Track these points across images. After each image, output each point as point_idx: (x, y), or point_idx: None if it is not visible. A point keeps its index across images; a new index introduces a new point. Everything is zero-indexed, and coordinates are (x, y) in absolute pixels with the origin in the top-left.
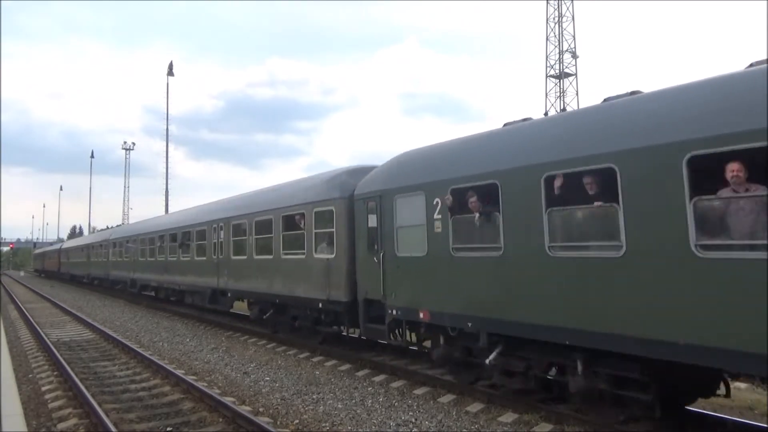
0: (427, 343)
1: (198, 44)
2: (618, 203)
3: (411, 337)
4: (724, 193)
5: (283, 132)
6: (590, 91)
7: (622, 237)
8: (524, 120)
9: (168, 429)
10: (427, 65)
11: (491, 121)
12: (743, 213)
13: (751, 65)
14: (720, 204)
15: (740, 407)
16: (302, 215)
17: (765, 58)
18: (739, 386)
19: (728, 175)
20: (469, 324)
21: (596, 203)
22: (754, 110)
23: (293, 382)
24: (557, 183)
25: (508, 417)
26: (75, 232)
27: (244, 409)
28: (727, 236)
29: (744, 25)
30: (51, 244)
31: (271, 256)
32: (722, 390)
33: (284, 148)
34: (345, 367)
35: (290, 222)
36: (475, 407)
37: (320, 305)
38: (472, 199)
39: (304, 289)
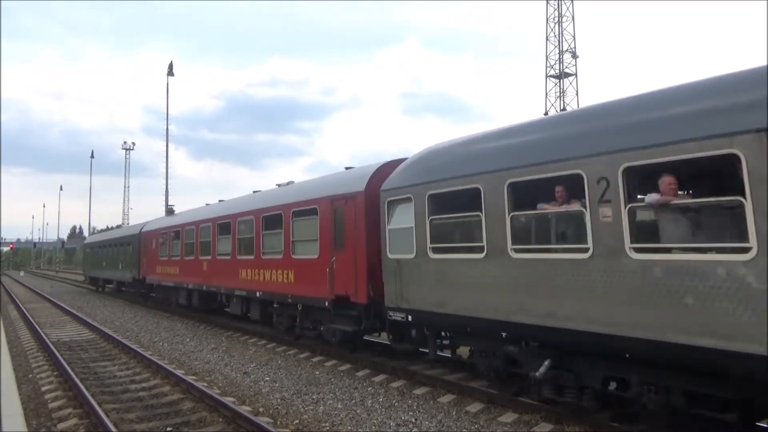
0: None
1: (198, 44)
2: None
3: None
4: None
5: (283, 132)
6: (590, 91)
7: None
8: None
9: (168, 429)
10: (428, 65)
11: (493, 122)
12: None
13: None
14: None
15: None
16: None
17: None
18: None
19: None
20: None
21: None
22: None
23: (293, 382)
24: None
25: (508, 417)
26: (75, 233)
27: (244, 409)
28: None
29: (744, 25)
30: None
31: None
32: None
33: (285, 147)
34: (345, 367)
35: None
36: (475, 407)
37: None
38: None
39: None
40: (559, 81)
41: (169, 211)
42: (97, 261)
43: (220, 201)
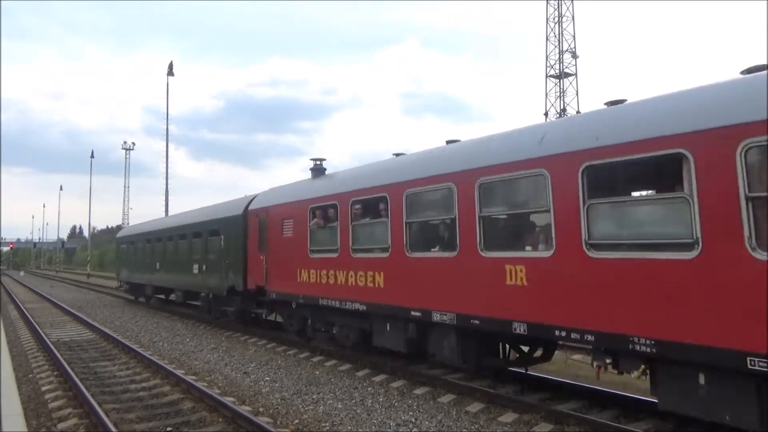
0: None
1: (198, 44)
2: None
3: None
4: None
5: (284, 132)
6: (590, 91)
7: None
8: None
9: (168, 429)
10: (428, 65)
11: (494, 122)
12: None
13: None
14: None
15: None
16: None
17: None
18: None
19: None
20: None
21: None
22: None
23: (293, 382)
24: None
25: (508, 417)
26: (75, 233)
27: (244, 409)
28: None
29: (744, 25)
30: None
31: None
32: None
33: (285, 147)
34: (345, 367)
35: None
36: (475, 407)
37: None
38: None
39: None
40: (559, 81)
41: (318, 169)
42: (142, 261)
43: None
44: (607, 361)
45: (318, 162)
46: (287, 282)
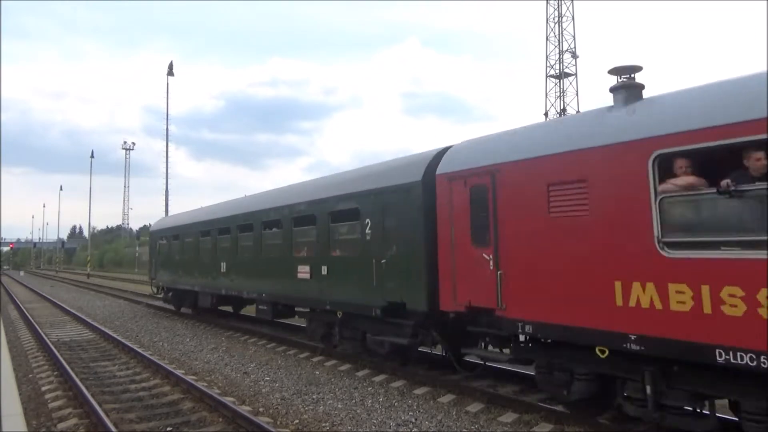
0: None
1: (198, 44)
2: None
3: None
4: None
5: (284, 132)
6: (590, 91)
7: None
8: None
9: (168, 429)
10: (429, 65)
11: (495, 122)
12: None
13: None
14: None
15: None
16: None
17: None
18: None
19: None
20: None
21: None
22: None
23: (293, 382)
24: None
25: (508, 417)
26: (75, 232)
27: (244, 409)
28: None
29: (744, 25)
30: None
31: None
32: None
33: (285, 147)
34: (345, 367)
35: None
36: (475, 407)
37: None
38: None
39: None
40: (559, 81)
41: (630, 87)
42: (195, 260)
43: None
44: None
45: (628, 76)
46: (575, 306)
